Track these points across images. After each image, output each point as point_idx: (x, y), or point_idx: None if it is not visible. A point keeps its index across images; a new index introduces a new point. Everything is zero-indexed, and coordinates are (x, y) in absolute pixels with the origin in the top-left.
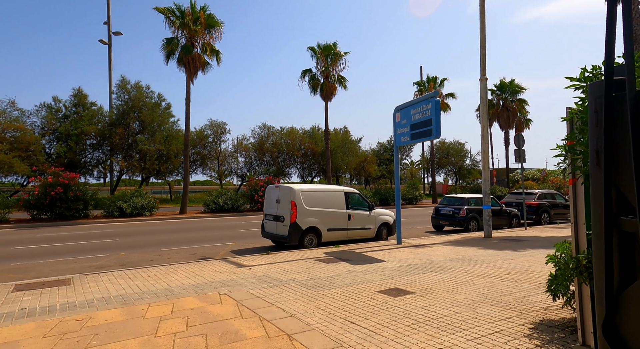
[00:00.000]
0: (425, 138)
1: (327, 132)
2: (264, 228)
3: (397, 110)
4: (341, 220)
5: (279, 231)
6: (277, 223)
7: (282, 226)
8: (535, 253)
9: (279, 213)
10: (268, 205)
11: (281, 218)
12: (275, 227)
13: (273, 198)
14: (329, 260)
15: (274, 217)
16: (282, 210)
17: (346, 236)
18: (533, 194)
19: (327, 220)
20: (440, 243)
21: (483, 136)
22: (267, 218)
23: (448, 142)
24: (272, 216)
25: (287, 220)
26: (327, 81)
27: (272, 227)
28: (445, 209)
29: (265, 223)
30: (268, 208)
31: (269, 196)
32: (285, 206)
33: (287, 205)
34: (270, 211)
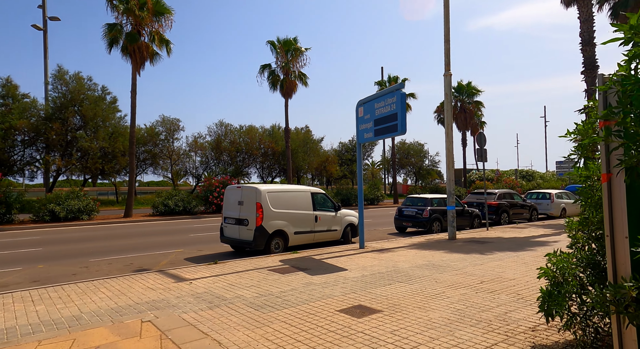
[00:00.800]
0: (390, 134)
1: (288, 131)
2: (223, 232)
3: (359, 104)
4: (308, 222)
5: (242, 236)
6: (240, 227)
7: (246, 230)
8: (503, 257)
9: (242, 216)
10: (228, 207)
11: (244, 221)
12: (238, 231)
13: (234, 200)
14: (285, 270)
15: (235, 220)
16: (245, 213)
17: (313, 239)
18: (493, 194)
19: (294, 222)
20: (405, 247)
21: (447, 134)
22: (228, 221)
23: (408, 142)
24: (233, 219)
25: (251, 224)
26: (288, 77)
27: (233, 231)
28: (408, 210)
29: (225, 227)
30: (228, 210)
31: (230, 197)
32: (249, 209)
33: (252, 207)
34: (231, 214)
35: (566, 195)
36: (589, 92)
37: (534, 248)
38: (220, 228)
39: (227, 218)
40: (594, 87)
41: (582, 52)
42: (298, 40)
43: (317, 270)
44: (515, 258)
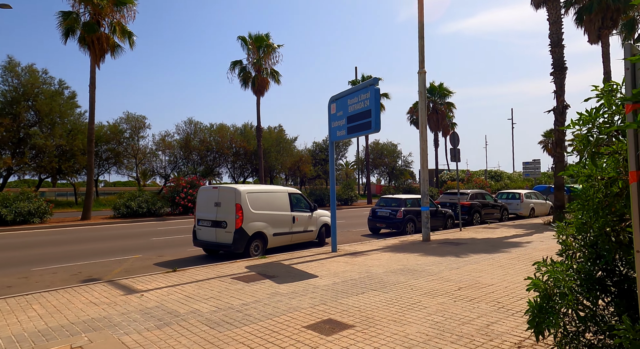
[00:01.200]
0: (364, 131)
1: (260, 129)
2: (196, 235)
3: (332, 101)
4: (286, 223)
5: (220, 239)
6: (217, 229)
7: (225, 233)
8: (479, 259)
9: (220, 218)
10: (203, 208)
11: (222, 223)
12: (215, 234)
13: (210, 201)
14: (250, 278)
15: (212, 222)
16: (223, 214)
17: (290, 240)
18: (465, 194)
19: (273, 223)
20: (378, 250)
21: (422, 133)
22: (202, 223)
23: (382, 142)
24: (209, 221)
25: (230, 226)
26: (259, 74)
27: (209, 234)
28: (382, 211)
29: (199, 230)
30: (203, 212)
31: (205, 198)
32: (227, 210)
33: (231, 208)
34: (206, 216)
35: (535, 195)
36: (558, 92)
37: (508, 249)
38: (193, 231)
39: (201, 220)
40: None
41: (552, 54)
42: (270, 36)
43: (285, 278)
44: (491, 260)
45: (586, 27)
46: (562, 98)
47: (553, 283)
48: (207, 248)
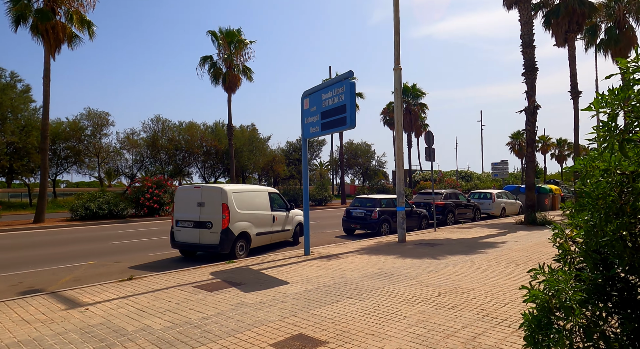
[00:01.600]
0: (338, 128)
1: (231, 128)
2: (174, 237)
3: (305, 96)
4: (267, 223)
5: (204, 240)
6: (201, 230)
7: (210, 234)
8: (456, 261)
9: (204, 219)
10: (183, 209)
11: (207, 224)
12: (198, 235)
13: (192, 201)
14: (215, 286)
15: (195, 223)
16: (208, 215)
17: (270, 239)
18: (439, 194)
19: (256, 223)
20: (353, 252)
21: (397, 131)
22: (183, 225)
23: (356, 142)
24: (191, 222)
25: (216, 226)
26: (231, 71)
27: (190, 235)
28: (356, 211)
29: (178, 231)
30: (184, 213)
31: (185, 198)
32: (213, 210)
33: (217, 208)
34: (187, 216)
35: (505, 195)
36: (529, 93)
37: (485, 250)
38: (171, 233)
39: (181, 221)
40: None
41: (523, 54)
42: (242, 31)
43: (253, 285)
44: (469, 262)
45: (554, 31)
46: (533, 99)
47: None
48: (188, 249)
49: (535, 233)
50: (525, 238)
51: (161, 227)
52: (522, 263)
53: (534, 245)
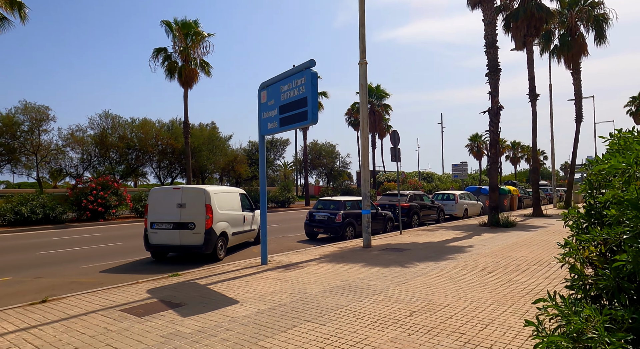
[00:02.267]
0: (299, 123)
1: (187, 124)
2: (149, 239)
3: (262, 88)
4: (240, 223)
5: (185, 241)
6: (182, 231)
7: (192, 234)
8: (426, 270)
9: (185, 220)
10: (160, 210)
11: (189, 225)
12: (178, 236)
13: (171, 202)
14: (148, 308)
15: (174, 225)
16: (189, 216)
17: (241, 239)
18: (404, 195)
19: (232, 223)
20: (316, 260)
21: (363, 129)
22: (159, 226)
23: (320, 143)
24: (170, 223)
25: (199, 227)
26: (187, 64)
27: (169, 237)
28: (320, 214)
29: (154, 233)
30: (160, 214)
31: (162, 200)
32: (195, 211)
33: (199, 209)
34: (164, 218)
35: (468, 196)
36: (493, 93)
37: (453, 256)
38: (145, 235)
39: (157, 223)
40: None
41: (487, 54)
42: (199, 23)
43: (195, 306)
44: (439, 270)
45: (513, 34)
46: (496, 99)
47: (577, 338)
48: (165, 251)
49: (500, 235)
50: (492, 242)
51: (104, 233)
52: (494, 270)
53: (501, 249)
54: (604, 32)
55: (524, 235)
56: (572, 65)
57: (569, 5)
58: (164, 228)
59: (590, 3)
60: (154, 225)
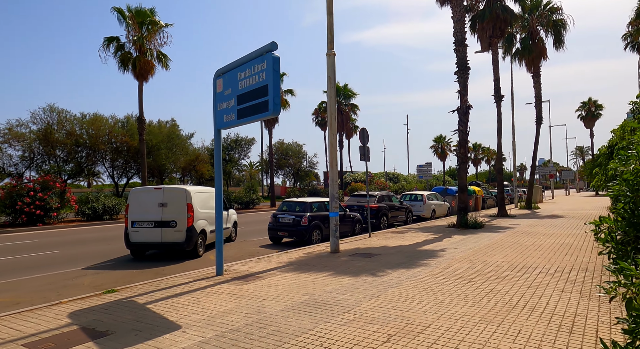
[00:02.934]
0: (259, 115)
1: (142, 120)
2: (129, 237)
3: (217, 75)
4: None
5: (167, 238)
6: (163, 229)
7: (174, 232)
8: (399, 279)
9: (167, 218)
10: (141, 210)
11: (171, 223)
12: (160, 234)
13: (152, 202)
14: (63, 341)
15: (156, 223)
16: (171, 214)
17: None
18: (373, 196)
19: (211, 221)
20: (279, 268)
21: (330, 125)
22: (141, 225)
23: (287, 142)
24: (151, 222)
25: (181, 225)
26: (142, 56)
27: (151, 235)
28: (284, 217)
29: (136, 232)
30: (141, 213)
31: (143, 199)
32: (176, 210)
33: (181, 208)
34: (146, 217)
35: (435, 197)
36: (462, 92)
37: (426, 261)
38: (125, 234)
39: (138, 221)
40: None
41: (456, 53)
42: (156, 12)
43: (123, 336)
44: (414, 279)
45: (479, 35)
46: (465, 98)
47: None
48: (146, 249)
49: (470, 237)
50: (463, 244)
51: (41, 239)
52: (472, 278)
53: (474, 252)
54: (562, 37)
55: (494, 236)
56: (533, 68)
57: (530, 9)
58: (146, 227)
59: (549, 8)
60: (135, 224)
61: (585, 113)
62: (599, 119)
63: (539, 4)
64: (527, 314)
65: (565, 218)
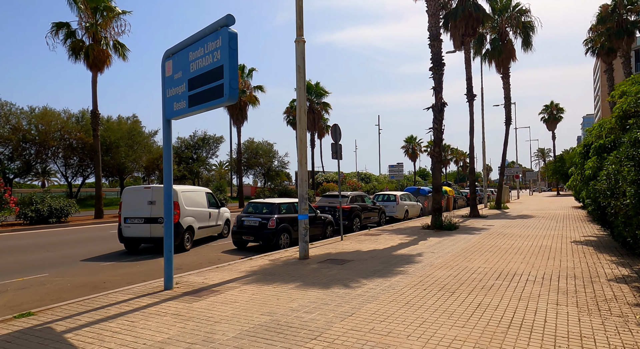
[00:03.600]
0: (214, 101)
1: (96, 114)
2: (122, 232)
3: (167, 57)
4: (206, 218)
5: (155, 233)
6: (152, 225)
7: (161, 228)
8: (376, 291)
9: (155, 215)
10: (132, 207)
11: (159, 219)
12: (149, 229)
13: (142, 200)
14: None
15: (145, 219)
16: (159, 211)
17: (207, 232)
18: (346, 197)
19: (198, 218)
20: (239, 279)
21: (300, 119)
22: (132, 221)
23: (257, 141)
24: (142, 218)
25: None
26: (96, 44)
27: (141, 230)
28: (250, 219)
29: (128, 227)
30: (132, 210)
31: (134, 198)
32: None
33: None
34: (137, 214)
35: (408, 197)
36: (437, 89)
37: (404, 268)
38: (119, 230)
39: (130, 218)
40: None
41: (430, 48)
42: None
43: None
44: (392, 291)
45: (452, 33)
46: (440, 95)
47: None
48: (137, 243)
49: (446, 240)
50: (440, 248)
51: None
52: (456, 289)
53: (453, 257)
54: (530, 39)
55: (470, 239)
56: (503, 69)
57: (500, 10)
58: (137, 223)
59: (519, 10)
60: (127, 220)
61: (548, 116)
62: (560, 122)
63: (509, 5)
64: (527, 338)
65: (535, 218)
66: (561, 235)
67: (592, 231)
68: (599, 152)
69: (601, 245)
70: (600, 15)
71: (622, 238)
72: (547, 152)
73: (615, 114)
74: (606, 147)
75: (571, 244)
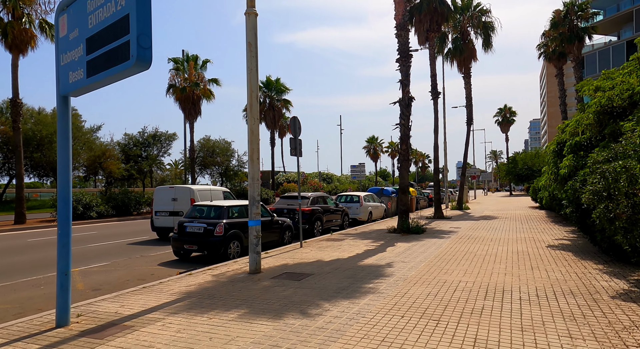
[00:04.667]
0: (116, 68)
1: (17, 103)
2: (154, 222)
3: (61, 10)
4: None
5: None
6: (174, 217)
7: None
8: (342, 321)
9: (177, 209)
10: (161, 203)
11: (180, 213)
12: (172, 221)
13: (167, 197)
14: None
15: (169, 213)
16: (180, 206)
17: None
18: (306, 198)
19: None
20: (166, 306)
21: (251, 106)
22: (161, 214)
23: (214, 139)
24: (167, 212)
25: None
26: (16, 22)
27: (167, 221)
28: (193, 225)
29: (157, 219)
30: (160, 206)
31: (162, 195)
32: (183, 203)
33: (187, 201)
34: (164, 208)
35: (371, 198)
36: (404, 82)
37: (373, 285)
38: (151, 220)
39: (159, 211)
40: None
41: (397, 38)
42: None
43: None
44: (362, 321)
45: (416, 28)
46: (407, 89)
47: None
48: (164, 231)
49: (415, 245)
50: (411, 256)
51: None
52: (440, 315)
53: (428, 268)
54: (490, 39)
55: (441, 244)
56: (464, 69)
57: (462, 9)
58: (163, 215)
59: (480, 10)
60: (157, 213)
61: (502, 119)
62: (513, 125)
63: (470, 4)
64: None
65: (499, 219)
66: (532, 238)
67: (561, 233)
68: (574, 150)
69: (579, 249)
70: (553, 20)
71: (606, 244)
72: (499, 154)
73: (593, 109)
74: (582, 145)
75: (547, 249)
